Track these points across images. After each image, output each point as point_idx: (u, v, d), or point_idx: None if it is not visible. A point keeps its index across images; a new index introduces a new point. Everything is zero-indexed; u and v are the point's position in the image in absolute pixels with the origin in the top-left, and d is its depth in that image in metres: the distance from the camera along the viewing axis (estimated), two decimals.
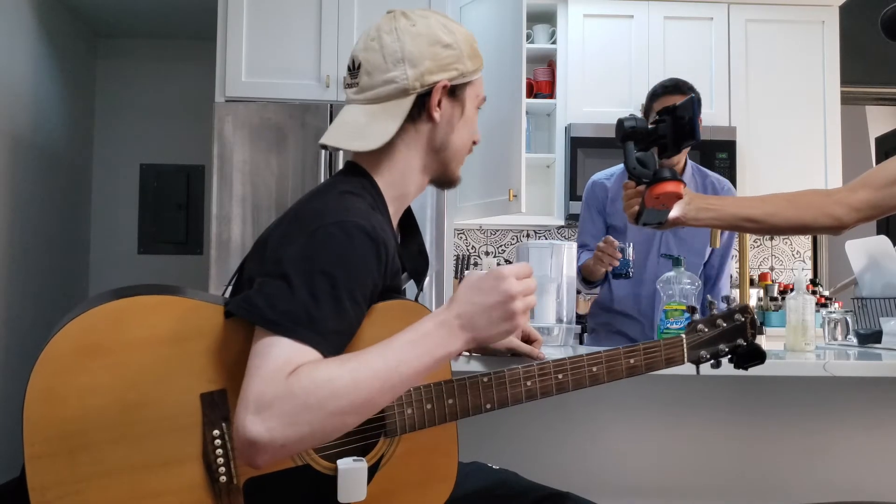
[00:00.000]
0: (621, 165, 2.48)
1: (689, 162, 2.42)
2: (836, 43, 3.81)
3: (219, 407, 0.99)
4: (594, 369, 1.18)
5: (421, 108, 1.17)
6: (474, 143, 1.27)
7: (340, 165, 3.15)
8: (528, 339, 1.43)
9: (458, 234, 4.07)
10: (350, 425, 0.95)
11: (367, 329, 1.05)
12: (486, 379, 1.13)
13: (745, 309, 1.30)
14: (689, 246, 2.36)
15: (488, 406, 1.13)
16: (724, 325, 1.28)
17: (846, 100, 4.11)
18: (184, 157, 4.48)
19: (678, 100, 2.30)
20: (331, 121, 3.17)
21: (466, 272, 3.56)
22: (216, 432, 1.00)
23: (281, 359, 0.92)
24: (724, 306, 1.31)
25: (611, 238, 2.20)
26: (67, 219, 4.15)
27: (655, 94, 2.33)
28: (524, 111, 3.14)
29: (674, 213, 1.54)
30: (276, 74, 3.26)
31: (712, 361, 1.29)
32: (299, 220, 1.06)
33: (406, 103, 1.15)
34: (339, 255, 1.00)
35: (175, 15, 4.13)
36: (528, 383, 1.14)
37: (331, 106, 3.20)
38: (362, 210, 1.08)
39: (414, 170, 1.20)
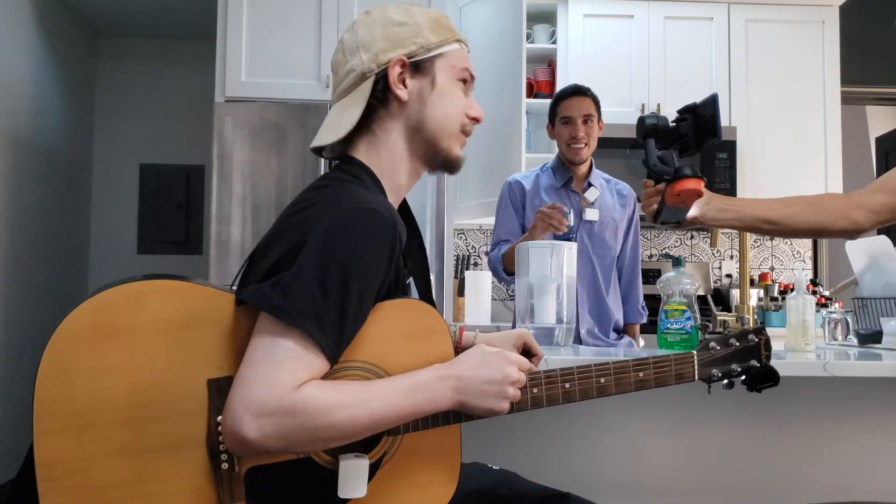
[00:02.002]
0: (536, 168, 2.64)
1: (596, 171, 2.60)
2: (836, 43, 3.81)
3: (225, 394, 0.99)
4: (602, 380, 1.18)
5: (385, 88, 1.17)
6: (474, 119, 1.23)
7: None
8: (528, 353, 1.41)
9: (458, 234, 4.07)
10: (332, 447, 1.02)
11: (371, 326, 1.05)
12: None
13: (759, 330, 1.29)
14: (600, 239, 2.50)
15: None
16: (737, 344, 1.27)
17: (846, 100, 4.11)
18: (184, 157, 4.48)
19: (579, 102, 2.49)
20: None
21: (467, 272, 3.56)
22: (220, 418, 1.00)
23: (287, 366, 0.95)
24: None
25: (558, 204, 2.30)
26: (67, 219, 4.15)
27: (557, 100, 2.55)
28: (524, 111, 3.15)
29: (692, 212, 1.53)
30: (276, 74, 3.26)
31: (725, 381, 1.28)
32: (318, 205, 1.05)
33: (366, 87, 1.16)
34: (355, 246, 1.00)
35: (175, 15, 4.13)
36: (535, 391, 1.14)
37: (330, 106, 3.20)
38: (381, 200, 1.08)
39: (400, 155, 1.19)
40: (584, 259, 2.49)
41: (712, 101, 1.44)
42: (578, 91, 2.55)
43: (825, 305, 3.26)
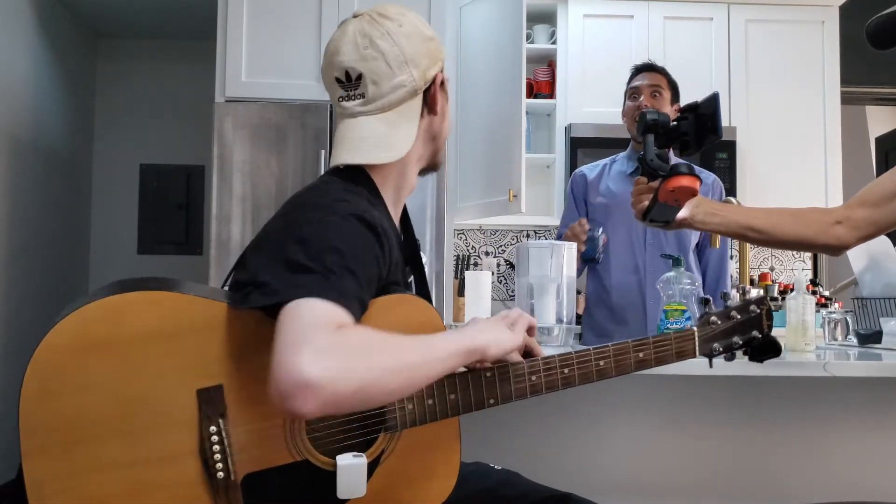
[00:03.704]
0: (607, 158, 2.58)
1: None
2: (836, 43, 3.81)
3: (215, 403, 0.99)
4: (601, 363, 1.16)
5: (424, 103, 1.19)
6: None
7: None
8: (528, 354, 1.40)
9: (458, 234, 4.07)
10: (390, 394, 0.94)
11: (368, 322, 1.04)
12: (489, 374, 1.12)
13: (760, 300, 1.27)
14: (677, 234, 2.38)
15: (491, 401, 1.12)
16: (738, 317, 1.25)
17: (846, 100, 4.11)
18: (184, 157, 4.47)
19: (647, 75, 2.45)
20: (331, 121, 3.18)
21: (467, 272, 3.56)
22: (213, 428, 0.99)
23: (320, 314, 0.90)
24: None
25: (584, 220, 2.29)
26: (67, 219, 4.15)
27: (629, 78, 2.50)
28: (524, 111, 3.14)
29: (682, 213, 1.54)
30: (276, 74, 3.26)
31: (725, 354, 1.26)
32: (299, 209, 1.06)
33: (416, 103, 1.17)
34: (343, 238, 1.00)
35: (175, 15, 4.13)
36: (533, 378, 1.13)
37: (331, 106, 3.19)
38: (361, 204, 1.08)
39: (411, 163, 1.21)
40: (655, 253, 2.39)
41: (713, 100, 1.45)
42: (649, 66, 2.49)
43: (825, 305, 3.26)
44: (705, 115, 1.45)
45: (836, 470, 1.81)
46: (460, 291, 3.62)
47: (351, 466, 1.03)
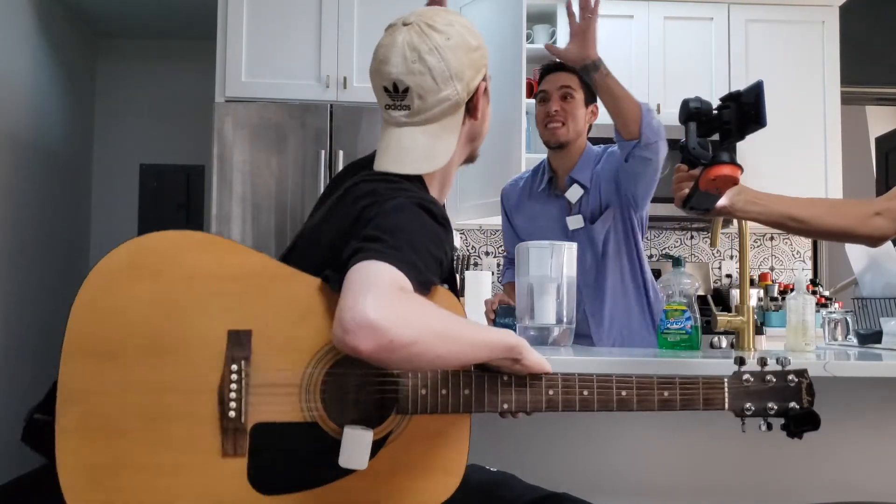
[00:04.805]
0: (526, 172, 2.44)
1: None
2: (836, 43, 3.81)
3: (243, 346, 1.04)
4: (623, 393, 1.14)
5: (466, 112, 1.26)
6: None
7: (340, 166, 3.15)
8: None
9: (458, 234, 4.07)
10: (436, 358, 1.01)
11: None
12: (506, 378, 1.12)
13: (802, 372, 1.23)
14: (591, 241, 2.25)
15: (505, 406, 1.12)
16: (774, 381, 1.22)
17: (846, 100, 4.11)
18: (184, 157, 4.48)
19: (556, 76, 2.26)
20: (331, 121, 3.18)
21: (467, 272, 3.56)
22: (234, 367, 1.03)
23: (385, 272, 0.98)
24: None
25: (503, 298, 2.20)
26: (67, 219, 4.16)
27: (540, 78, 2.33)
28: (524, 111, 3.15)
29: (723, 201, 1.54)
30: (276, 74, 3.26)
31: (762, 422, 1.22)
32: (370, 195, 1.13)
33: (459, 115, 1.24)
34: (419, 224, 1.08)
35: (175, 15, 4.13)
36: (550, 392, 1.12)
37: (331, 106, 3.20)
38: (428, 195, 1.18)
39: (454, 165, 1.28)
40: (581, 259, 2.21)
41: (757, 88, 1.43)
42: (557, 66, 2.22)
43: (825, 305, 3.26)
44: (748, 104, 1.44)
45: (836, 470, 1.80)
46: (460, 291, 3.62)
47: (356, 436, 1.04)
